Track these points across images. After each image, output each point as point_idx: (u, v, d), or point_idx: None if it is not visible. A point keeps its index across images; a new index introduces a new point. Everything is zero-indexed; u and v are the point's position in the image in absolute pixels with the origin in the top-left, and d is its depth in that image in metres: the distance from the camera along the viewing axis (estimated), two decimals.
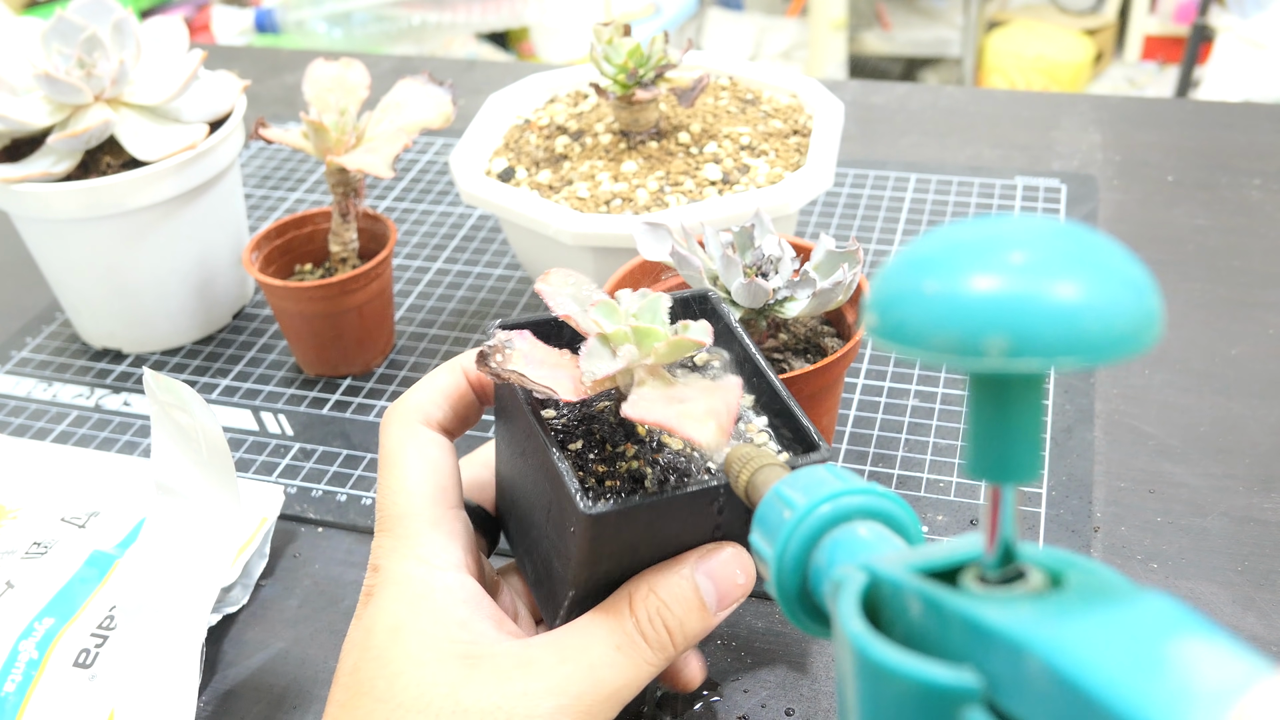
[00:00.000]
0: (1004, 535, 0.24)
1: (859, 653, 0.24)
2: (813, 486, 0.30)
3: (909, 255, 0.21)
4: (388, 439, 0.41)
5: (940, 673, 0.22)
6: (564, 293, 0.39)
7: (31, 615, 0.49)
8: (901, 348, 0.20)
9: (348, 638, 0.39)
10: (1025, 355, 0.19)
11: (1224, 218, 0.77)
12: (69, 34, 0.64)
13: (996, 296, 0.19)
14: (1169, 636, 0.20)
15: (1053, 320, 0.19)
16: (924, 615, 0.24)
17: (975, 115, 0.92)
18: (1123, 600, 0.21)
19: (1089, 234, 0.20)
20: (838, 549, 0.29)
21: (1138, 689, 0.19)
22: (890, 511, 0.30)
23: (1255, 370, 0.63)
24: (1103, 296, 0.19)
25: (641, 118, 0.64)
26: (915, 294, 0.20)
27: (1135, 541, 0.53)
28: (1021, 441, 0.22)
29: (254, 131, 0.63)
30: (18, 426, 0.66)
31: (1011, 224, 0.21)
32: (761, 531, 0.31)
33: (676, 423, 0.33)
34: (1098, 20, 2.59)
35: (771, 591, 0.30)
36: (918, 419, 0.61)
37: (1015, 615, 0.22)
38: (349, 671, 0.37)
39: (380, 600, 0.38)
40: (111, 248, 0.66)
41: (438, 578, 0.38)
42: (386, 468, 0.41)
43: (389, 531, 0.39)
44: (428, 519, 0.39)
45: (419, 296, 0.74)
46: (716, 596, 0.38)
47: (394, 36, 2.12)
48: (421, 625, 0.37)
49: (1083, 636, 0.20)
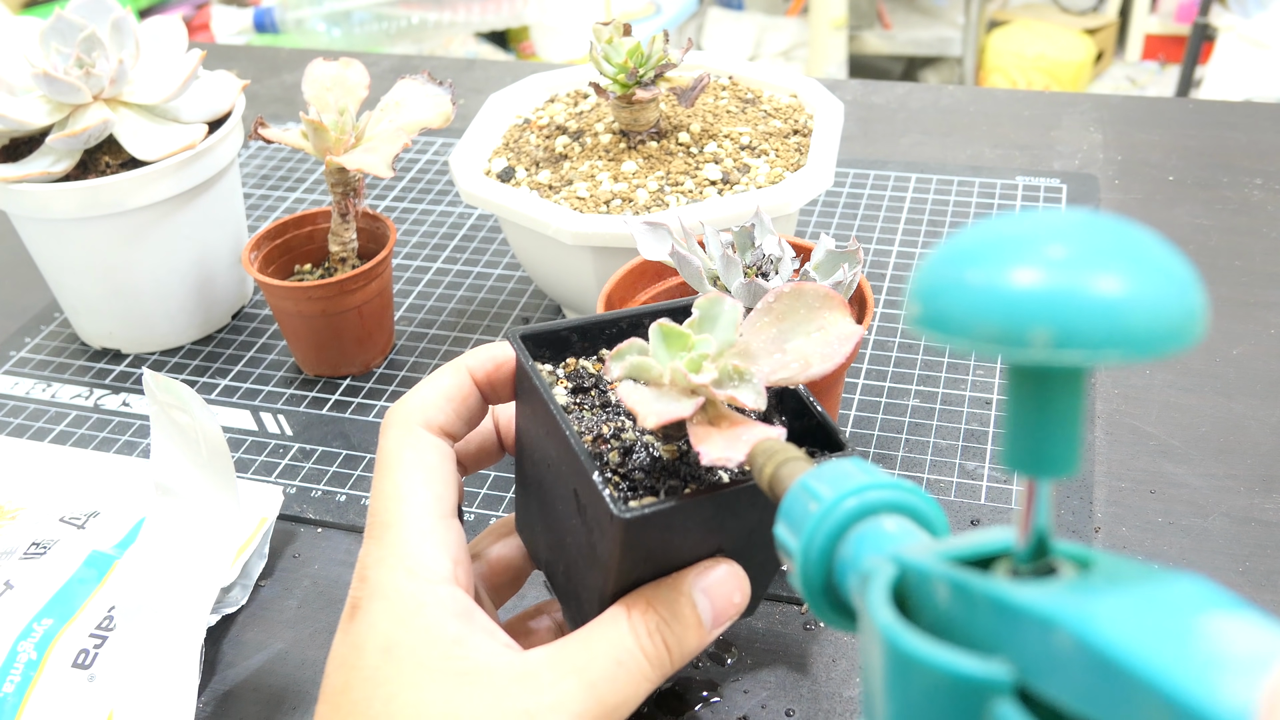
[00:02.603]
0: (1038, 527, 0.23)
1: (889, 644, 0.24)
2: (839, 480, 0.30)
3: (953, 247, 0.21)
4: (386, 442, 0.41)
5: (971, 664, 0.22)
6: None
7: (30, 615, 0.49)
8: (945, 337, 0.20)
9: (334, 653, 0.38)
10: (1070, 347, 0.19)
11: (1225, 217, 0.77)
12: (68, 33, 0.64)
13: (1044, 288, 0.19)
14: (1200, 611, 0.20)
15: (1099, 314, 0.19)
16: (952, 603, 0.24)
17: (976, 115, 0.92)
18: (1153, 580, 0.21)
19: (1134, 228, 0.20)
20: (864, 542, 0.28)
21: (1169, 659, 0.19)
22: (917, 506, 0.29)
23: (1256, 370, 0.63)
24: (1148, 291, 0.19)
25: (641, 118, 0.64)
26: (959, 284, 0.20)
27: (1136, 542, 0.53)
28: (1060, 435, 0.22)
29: (253, 131, 0.63)
30: (17, 426, 0.66)
31: (1056, 217, 0.21)
32: (786, 524, 0.30)
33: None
34: (1098, 20, 2.59)
35: (795, 584, 0.30)
36: (918, 419, 0.61)
37: (1044, 595, 0.22)
38: (339, 690, 0.36)
39: (369, 615, 0.37)
40: (110, 248, 0.66)
41: (428, 592, 0.37)
42: (381, 472, 0.40)
43: (378, 539, 0.38)
44: (419, 528, 0.38)
45: (419, 296, 0.74)
46: (713, 614, 0.38)
47: (393, 36, 2.12)
48: (415, 643, 0.36)
49: (1113, 611, 0.20)
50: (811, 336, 0.39)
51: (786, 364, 0.38)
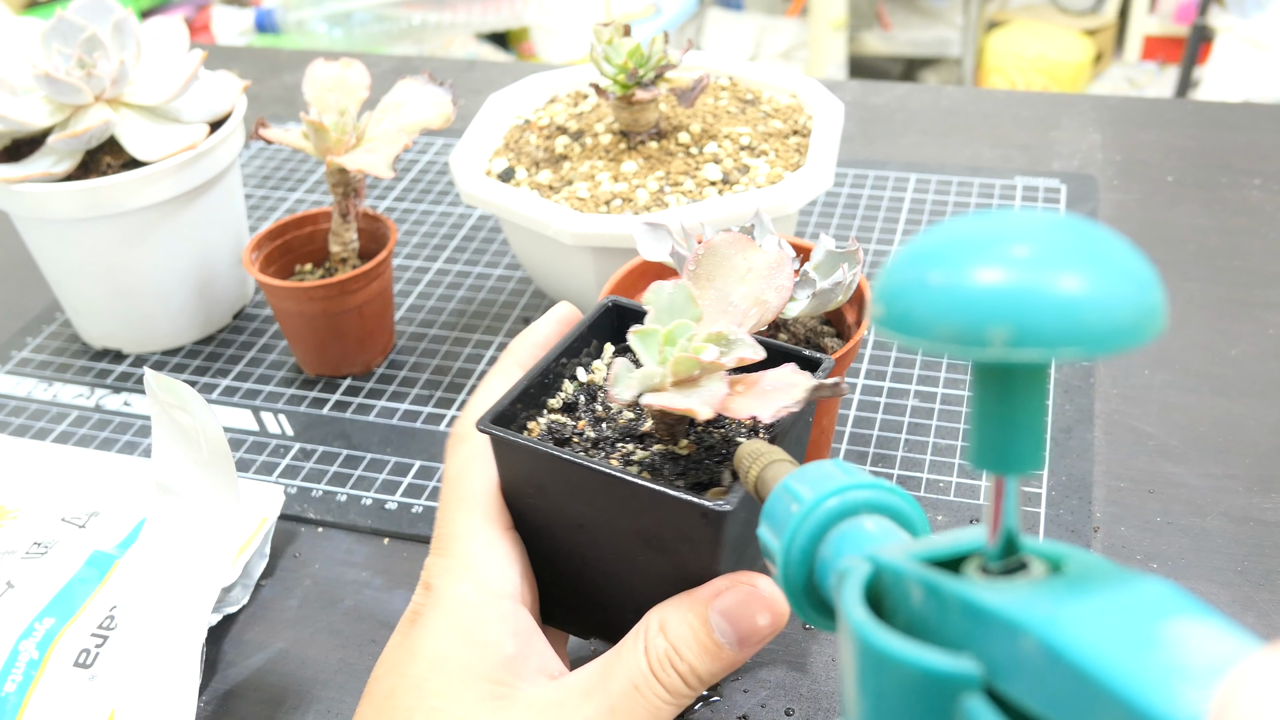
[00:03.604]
0: (1006, 526, 0.24)
1: (861, 640, 0.24)
2: (820, 481, 0.30)
3: (914, 248, 0.21)
4: (454, 457, 0.40)
5: (940, 660, 0.23)
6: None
7: (32, 615, 0.49)
8: (906, 338, 0.21)
9: (388, 654, 0.38)
10: (1028, 345, 0.19)
11: (1224, 218, 0.77)
12: (69, 34, 0.64)
13: (1000, 287, 0.20)
14: (1163, 616, 0.20)
15: (1055, 311, 0.19)
16: (925, 603, 0.24)
17: (975, 115, 0.92)
18: (1120, 583, 0.21)
19: (1093, 228, 0.21)
20: (844, 542, 0.29)
21: (1130, 664, 0.19)
22: (897, 507, 0.30)
23: (1255, 370, 0.63)
24: (1105, 288, 0.19)
25: (641, 118, 0.64)
26: (920, 285, 0.21)
27: (1135, 542, 0.53)
28: (1025, 432, 0.22)
29: (254, 131, 0.63)
30: (18, 426, 0.66)
31: (1016, 217, 0.21)
32: (769, 525, 0.31)
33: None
34: (1097, 20, 2.59)
35: (778, 584, 0.30)
36: (918, 419, 0.61)
37: (1012, 597, 0.22)
38: (384, 695, 0.37)
39: (429, 623, 0.37)
40: (111, 248, 0.66)
41: (491, 606, 0.37)
42: (448, 486, 0.39)
43: (445, 552, 0.38)
44: (485, 540, 0.38)
45: (419, 296, 0.74)
46: (736, 636, 0.36)
47: (394, 36, 2.12)
48: (467, 659, 0.36)
49: (1078, 616, 0.20)
50: (746, 279, 0.40)
51: (745, 312, 0.39)
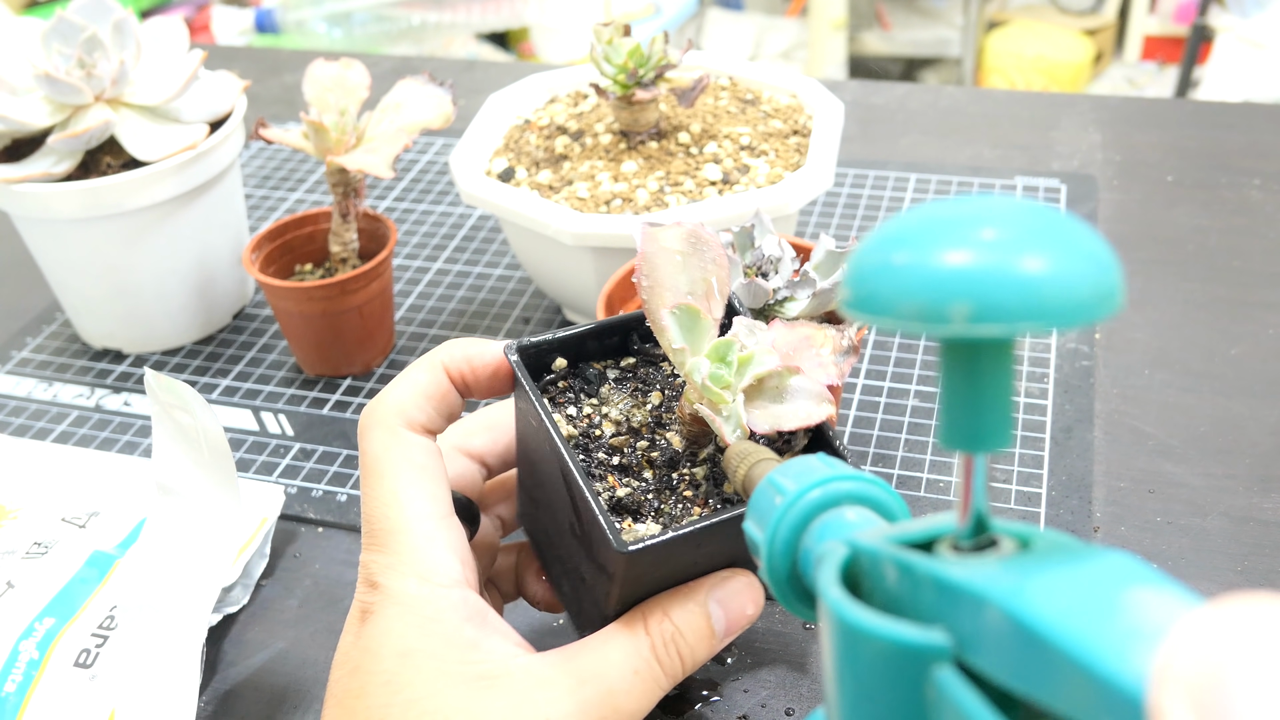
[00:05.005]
0: (976, 505, 0.25)
1: (836, 617, 0.25)
2: (803, 474, 0.31)
3: (879, 234, 0.22)
4: (370, 445, 0.39)
5: (911, 632, 0.23)
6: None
7: (32, 615, 0.49)
8: (872, 317, 0.22)
9: (344, 656, 0.37)
10: (988, 321, 0.20)
11: (1224, 218, 0.77)
12: (69, 34, 0.64)
13: (960, 265, 0.20)
14: (1121, 586, 0.21)
15: (1013, 287, 0.20)
16: (899, 582, 0.25)
17: (975, 115, 0.92)
18: (1082, 557, 0.22)
19: (1052, 211, 0.22)
20: (826, 533, 0.30)
21: (1085, 629, 0.20)
22: (878, 497, 0.31)
23: (1255, 370, 0.63)
24: (1062, 265, 0.20)
25: (641, 118, 0.64)
26: (885, 266, 0.21)
27: (1135, 541, 0.53)
28: (992, 410, 0.23)
29: (254, 132, 0.63)
30: (18, 426, 0.66)
31: (979, 202, 0.22)
32: (754, 518, 0.32)
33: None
34: (1097, 20, 2.60)
35: (763, 575, 0.31)
36: (918, 419, 0.61)
37: (979, 572, 0.23)
38: (353, 694, 0.36)
39: (383, 621, 0.37)
40: (111, 248, 0.66)
41: (441, 597, 0.37)
42: (372, 477, 0.39)
43: (383, 548, 0.38)
44: (424, 533, 0.38)
45: (419, 296, 0.74)
46: (726, 624, 0.38)
47: (394, 37, 2.12)
48: (432, 649, 0.36)
49: (1039, 588, 0.21)
50: (686, 267, 0.41)
51: (708, 294, 0.41)
